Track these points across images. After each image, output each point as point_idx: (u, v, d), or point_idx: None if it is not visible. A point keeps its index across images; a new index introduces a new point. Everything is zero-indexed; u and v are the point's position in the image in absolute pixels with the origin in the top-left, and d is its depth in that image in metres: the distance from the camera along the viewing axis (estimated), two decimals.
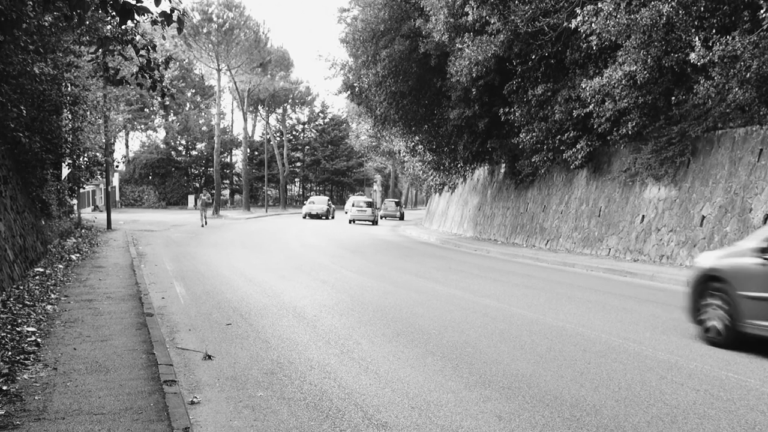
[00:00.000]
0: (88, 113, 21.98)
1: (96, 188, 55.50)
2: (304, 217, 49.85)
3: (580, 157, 21.12)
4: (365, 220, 45.05)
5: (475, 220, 31.66)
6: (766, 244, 7.44)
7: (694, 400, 5.81)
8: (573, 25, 17.91)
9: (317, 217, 49.79)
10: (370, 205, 46.10)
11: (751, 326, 7.52)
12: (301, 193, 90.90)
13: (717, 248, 15.36)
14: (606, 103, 18.40)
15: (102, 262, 16.66)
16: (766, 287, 7.30)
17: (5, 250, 11.08)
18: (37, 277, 12.48)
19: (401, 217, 56.31)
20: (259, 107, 74.39)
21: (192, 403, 5.79)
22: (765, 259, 7.38)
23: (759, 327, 7.40)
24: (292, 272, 15.64)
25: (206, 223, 35.23)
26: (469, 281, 14.44)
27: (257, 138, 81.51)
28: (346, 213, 50.77)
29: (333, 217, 51.74)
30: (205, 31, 52.32)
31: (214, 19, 52.64)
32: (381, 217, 53.03)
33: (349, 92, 33.51)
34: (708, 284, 8.33)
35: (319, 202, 51.72)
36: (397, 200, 60.40)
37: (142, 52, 9.55)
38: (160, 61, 9.93)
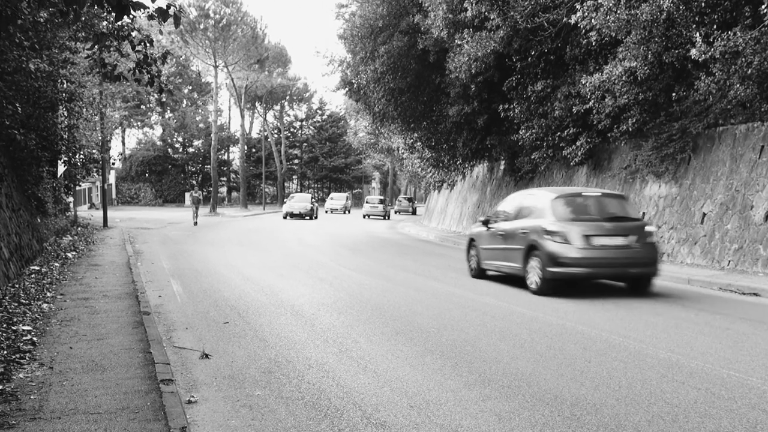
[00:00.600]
0: (84, 110, 21.94)
1: (92, 186, 55.48)
2: (285, 217, 45.52)
3: (580, 153, 21.11)
4: (378, 215, 51.35)
5: (475, 217, 31.63)
6: (485, 218, 14.62)
7: (695, 399, 5.81)
8: (573, 21, 17.88)
9: (299, 216, 45.58)
10: (381, 202, 53.14)
11: (486, 265, 14.26)
12: (299, 190, 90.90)
13: (717, 246, 15.35)
14: (606, 100, 18.39)
15: (98, 260, 16.64)
16: (488, 242, 14.09)
17: (0, 249, 11.06)
18: (33, 276, 12.47)
19: (414, 212, 63.50)
20: (257, 104, 74.39)
21: (189, 402, 5.79)
22: (486, 227, 14.30)
23: (489, 265, 14.12)
24: (290, 270, 15.63)
25: (197, 222, 34.52)
26: (468, 279, 14.44)
27: (255, 135, 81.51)
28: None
29: (316, 217, 47.37)
30: (201, 27, 52.26)
31: (211, 15, 52.59)
32: (395, 212, 60.97)
33: (347, 89, 33.46)
34: (470, 243, 15.08)
35: (300, 200, 47.62)
36: (410, 197, 68.73)
37: (139, 48, 9.52)
38: (157, 56, 9.91)
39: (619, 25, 16.40)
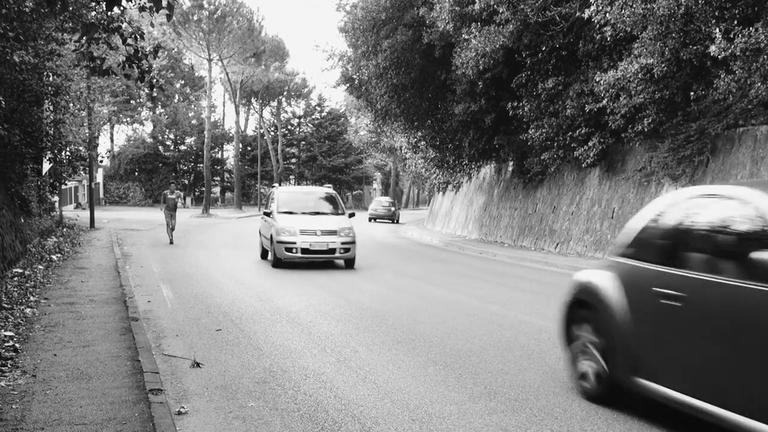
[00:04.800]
0: (71, 105, 21.97)
1: (79, 184, 55.57)
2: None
3: (592, 155, 21.11)
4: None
5: (481, 221, 31.66)
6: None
7: None
8: (586, 15, 17.90)
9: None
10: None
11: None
12: None
13: None
14: (621, 98, 18.39)
15: (85, 262, 16.66)
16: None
17: None
18: (16, 279, 12.48)
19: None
20: (253, 100, 74.46)
21: (179, 413, 5.79)
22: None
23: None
24: (287, 275, 15.64)
25: (173, 240, 23.97)
26: (474, 286, 14.44)
27: (250, 132, 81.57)
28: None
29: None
30: (195, 18, 52.32)
31: (205, 5, 52.63)
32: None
33: (347, 85, 33.49)
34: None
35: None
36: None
37: (130, 41, 9.54)
38: (148, 50, 9.93)
39: (635, 19, 16.41)
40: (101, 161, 36.48)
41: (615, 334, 5.77)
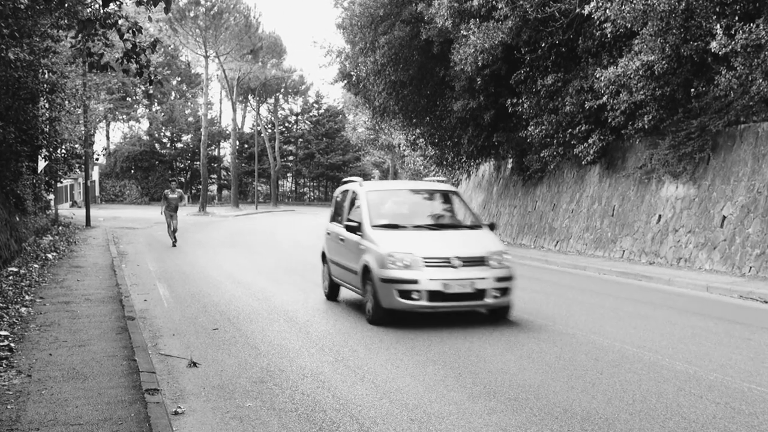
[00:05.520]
0: (67, 102, 21.94)
1: (74, 182, 55.45)
2: None
3: (592, 152, 21.09)
4: None
5: (488, 219, 31.67)
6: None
7: (714, 414, 5.81)
8: (586, 11, 17.88)
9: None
10: None
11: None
12: (293, 188, 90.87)
13: (738, 251, 15.35)
14: (621, 95, 18.38)
15: (80, 261, 16.64)
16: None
17: None
18: (11, 278, 12.46)
19: None
20: (250, 97, 74.32)
21: (176, 413, 5.78)
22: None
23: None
24: (284, 274, 15.63)
25: (176, 242, 22.78)
26: None
27: (247, 130, 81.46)
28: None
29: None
30: (191, 14, 52.23)
31: (202, 2, 52.54)
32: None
33: (345, 81, 33.46)
34: None
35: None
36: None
37: (127, 36, 9.52)
38: (146, 45, 9.91)
39: (635, 15, 16.39)
40: (97, 159, 36.45)
41: None
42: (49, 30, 15.12)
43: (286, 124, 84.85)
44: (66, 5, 11.06)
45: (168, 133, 76.72)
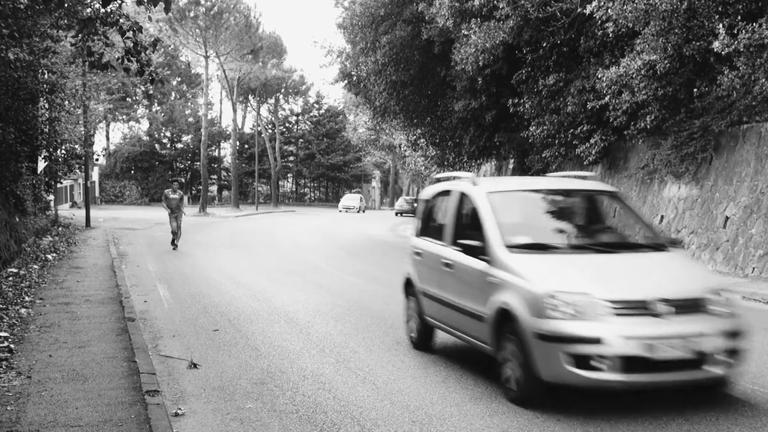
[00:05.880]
0: (66, 102, 21.94)
1: (74, 183, 55.42)
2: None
3: (594, 152, 21.08)
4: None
5: None
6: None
7: (717, 416, 5.80)
8: (587, 11, 17.87)
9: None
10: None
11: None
12: (294, 189, 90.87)
13: (741, 252, 15.33)
14: (623, 95, 18.36)
15: (80, 262, 16.65)
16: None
17: None
18: (11, 278, 12.46)
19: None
20: (250, 97, 74.35)
21: (176, 414, 5.78)
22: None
23: None
24: (284, 274, 15.63)
25: (177, 245, 21.36)
26: None
27: (247, 130, 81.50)
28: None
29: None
30: (192, 14, 52.26)
31: (202, 2, 52.57)
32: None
33: (346, 81, 33.44)
34: None
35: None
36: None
37: (128, 34, 9.53)
38: (147, 44, 9.91)
39: (637, 15, 16.38)
40: (97, 159, 36.46)
41: None
42: (49, 30, 15.13)
43: (287, 125, 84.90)
44: (66, 5, 11.06)
45: (168, 134, 76.74)
